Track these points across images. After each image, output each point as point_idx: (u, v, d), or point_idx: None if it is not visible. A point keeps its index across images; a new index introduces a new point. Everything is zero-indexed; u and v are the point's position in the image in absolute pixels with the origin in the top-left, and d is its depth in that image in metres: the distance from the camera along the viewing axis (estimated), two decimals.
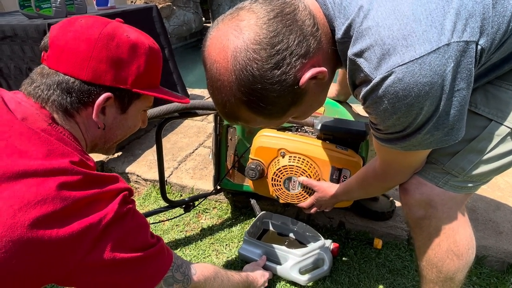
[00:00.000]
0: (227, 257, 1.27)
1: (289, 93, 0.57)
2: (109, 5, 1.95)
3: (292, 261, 1.10)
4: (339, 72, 1.20)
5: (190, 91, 2.66)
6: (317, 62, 0.58)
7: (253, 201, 1.39)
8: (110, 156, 1.88)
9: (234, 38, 0.53)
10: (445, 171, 0.70)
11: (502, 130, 0.65)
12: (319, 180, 1.06)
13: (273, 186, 1.11)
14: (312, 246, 1.14)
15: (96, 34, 0.57)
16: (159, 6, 5.59)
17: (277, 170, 1.07)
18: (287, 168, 1.05)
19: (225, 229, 1.41)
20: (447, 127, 0.57)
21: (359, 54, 0.55)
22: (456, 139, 0.60)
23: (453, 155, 0.69)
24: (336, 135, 1.06)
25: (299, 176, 1.06)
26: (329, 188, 1.01)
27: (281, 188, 1.10)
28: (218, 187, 1.42)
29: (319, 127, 1.05)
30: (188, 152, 1.91)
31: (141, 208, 1.58)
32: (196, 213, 1.51)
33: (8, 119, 0.52)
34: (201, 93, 2.82)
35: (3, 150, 0.48)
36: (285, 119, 0.69)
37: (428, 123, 0.56)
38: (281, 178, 1.08)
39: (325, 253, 1.13)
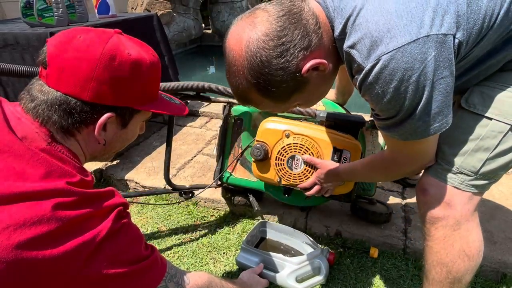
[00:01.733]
0: (225, 265, 1.28)
1: (291, 79, 0.67)
2: (110, 13, 1.98)
3: (289, 269, 1.11)
4: (337, 78, 1.28)
5: None
6: (318, 55, 0.68)
7: (252, 198, 1.40)
8: (109, 163, 1.89)
9: (249, 31, 0.65)
10: (459, 171, 0.76)
11: (503, 127, 0.71)
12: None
13: (276, 166, 1.14)
14: (308, 254, 1.15)
15: (97, 53, 0.56)
16: (160, 13, 5.65)
17: (281, 148, 1.12)
18: (291, 146, 1.11)
19: (222, 237, 1.42)
20: (435, 113, 0.64)
21: (352, 46, 0.64)
22: (445, 125, 0.67)
23: (464, 155, 0.75)
24: (337, 122, 1.16)
25: (302, 154, 1.10)
26: (332, 165, 1.06)
27: (284, 168, 1.13)
28: (219, 182, 1.44)
29: (321, 114, 1.17)
30: (187, 159, 1.93)
31: (139, 215, 1.59)
32: (194, 221, 1.52)
33: (8, 140, 0.52)
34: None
35: (1, 172, 0.49)
36: (290, 105, 0.78)
37: (417, 109, 0.63)
38: (284, 157, 1.12)
39: (322, 261, 1.14)
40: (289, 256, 1.16)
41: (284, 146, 1.11)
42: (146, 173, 1.80)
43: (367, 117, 1.34)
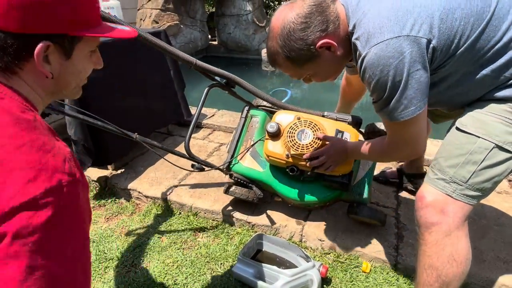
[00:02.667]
0: (222, 276, 1.33)
1: (307, 50, 0.91)
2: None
3: (283, 280, 1.16)
4: (340, 91, 1.52)
5: (193, 109, 2.75)
6: (331, 39, 0.91)
7: (255, 187, 1.48)
8: (114, 172, 1.96)
9: (287, 11, 0.90)
10: (452, 180, 0.90)
11: (488, 145, 0.86)
12: None
13: (287, 139, 1.27)
14: (302, 267, 1.19)
15: None
16: (167, 25, 5.80)
17: (293, 124, 1.29)
18: (301, 122, 1.29)
19: (220, 248, 1.47)
20: (411, 97, 0.83)
21: (357, 38, 0.86)
22: (419, 110, 0.84)
23: (456, 167, 0.90)
24: (338, 119, 1.40)
25: (311, 129, 1.27)
26: (341, 141, 1.25)
27: (294, 139, 1.26)
28: (229, 171, 1.53)
29: (325, 113, 1.41)
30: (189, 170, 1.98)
31: (141, 225, 1.65)
32: (194, 232, 1.58)
33: None
34: (204, 111, 2.92)
35: None
36: (304, 72, 1.00)
37: (397, 91, 0.82)
38: (295, 130, 1.28)
39: (314, 274, 1.18)
40: (284, 268, 1.21)
41: (296, 122, 1.29)
42: (148, 183, 1.87)
43: None
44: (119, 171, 1.98)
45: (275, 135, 1.33)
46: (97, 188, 1.94)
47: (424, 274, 0.95)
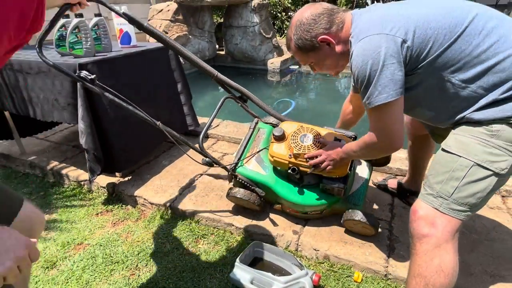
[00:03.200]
0: (219, 281, 1.40)
1: (310, 41, 1.13)
2: (131, 44, 2.20)
3: (276, 287, 1.23)
4: (341, 112, 1.65)
5: (201, 119, 2.84)
6: (331, 37, 1.11)
7: (257, 188, 1.61)
8: (121, 179, 2.06)
9: (305, 10, 1.13)
10: (438, 195, 1.01)
11: (468, 163, 0.97)
12: None
13: (291, 140, 1.48)
14: (295, 274, 1.26)
15: None
16: (176, 35, 5.97)
17: (297, 129, 1.52)
18: (304, 128, 1.52)
19: (220, 255, 1.55)
20: (385, 85, 0.97)
21: (352, 37, 1.05)
22: (391, 98, 0.97)
23: (441, 183, 1.01)
24: (337, 131, 1.56)
25: (313, 134, 1.48)
26: (338, 144, 1.40)
27: (297, 141, 1.47)
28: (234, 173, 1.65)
29: (325, 127, 1.58)
30: (193, 179, 2.08)
31: (145, 230, 1.74)
32: (195, 238, 1.66)
33: None
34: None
35: None
36: (308, 59, 1.20)
37: (374, 78, 0.97)
38: (298, 134, 1.50)
39: (307, 282, 1.25)
40: (278, 276, 1.28)
41: (299, 128, 1.52)
42: (154, 190, 1.96)
43: None
44: (126, 179, 2.07)
45: (280, 139, 1.52)
46: (105, 194, 2.04)
47: (413, 282, 1.03)
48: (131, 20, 1.45)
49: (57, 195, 2.12)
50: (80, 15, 1.73)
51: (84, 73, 1.44)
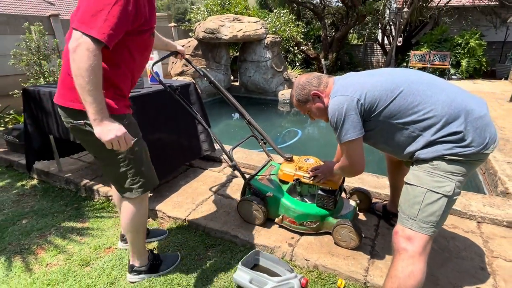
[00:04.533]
0: (224, 281, 1.68)
1: (306, 95, 1.53)
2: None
3: (270, 285, 1.50)
4: (337, 149, 1.99)
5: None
6: (320, 92, 1.50)
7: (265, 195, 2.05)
8: None
9: (302, 77, 1.58)
10: (409, 217, 1.31)
11: (423, 190, 1.29)
12: None
13: (298, 161, 2.01)
14: (286, 276, 1.54)
15: None
16: None
17: (302, 158, 2.04)
18: (308, 156, 2.06)
19: (226, 262, 1.83)
20: (347, 130, 1.35)
21: (330, 95, 1.44)
22: (351, 138, 1.35)
23: (408, 208, 1.32)
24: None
25: (313, 159, 2.00)
26: (330, 164, 1.80)
27: (302, 161, 1.98)
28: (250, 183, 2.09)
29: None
30: (205, 197, 2.40)
31: (163, 239, 2.04)
32: (205, 247, 1.95)
33: None
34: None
35: None
36: (305, 109, 1.58)
37: (340, 124, 1.36)
38: (303, 158, 2.04)
39: (295, 283, 1.52)
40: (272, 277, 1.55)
41: (304, 157, 2.05)
42: (172, 205, 2.28)
43: None
44: (149, 195, 2.41)
45: (290, 160, 2.08)
46: None
47: (390, 282, 1.30)
48: (205, 75, 2.31)
49: (88, 207, 2.47)
50: None
51: None
